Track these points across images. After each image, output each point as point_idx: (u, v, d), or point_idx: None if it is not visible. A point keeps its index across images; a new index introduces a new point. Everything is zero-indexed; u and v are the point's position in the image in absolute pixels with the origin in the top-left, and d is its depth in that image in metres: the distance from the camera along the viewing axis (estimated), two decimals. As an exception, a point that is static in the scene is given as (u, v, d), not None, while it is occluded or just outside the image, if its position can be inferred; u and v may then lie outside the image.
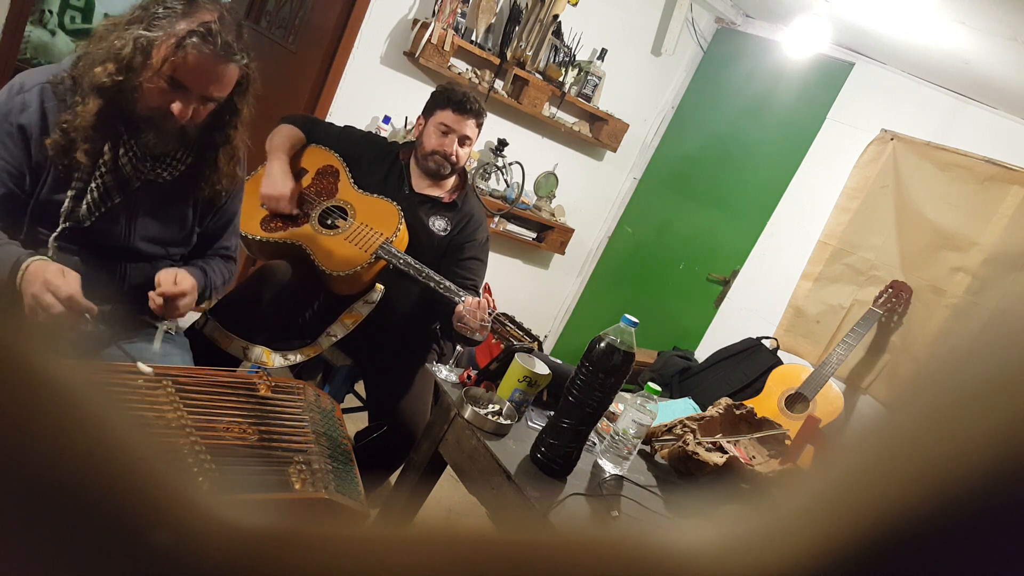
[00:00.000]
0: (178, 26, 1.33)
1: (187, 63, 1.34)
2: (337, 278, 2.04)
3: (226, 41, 1.36)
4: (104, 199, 1.43)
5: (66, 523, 0.24)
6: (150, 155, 1.46)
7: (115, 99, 1.36)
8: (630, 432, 1.57)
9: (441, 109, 2.21)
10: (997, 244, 2.64)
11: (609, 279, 4.12)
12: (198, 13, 1.35)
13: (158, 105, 1.38)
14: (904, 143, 2.96)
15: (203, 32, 1.33)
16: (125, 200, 1.46)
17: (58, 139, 1.35)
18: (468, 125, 2.22)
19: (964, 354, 0.27)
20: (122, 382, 1.24)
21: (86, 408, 0.25)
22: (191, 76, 1.36)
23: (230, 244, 1.74)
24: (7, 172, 1.36)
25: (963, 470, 0.23)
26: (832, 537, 0.25)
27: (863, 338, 2.75)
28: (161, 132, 1.42)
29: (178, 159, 1.50)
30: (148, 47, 1.33)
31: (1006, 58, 2.36)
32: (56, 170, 1.38)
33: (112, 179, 1.43)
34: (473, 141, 2.27)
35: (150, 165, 1.47)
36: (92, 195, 1.41)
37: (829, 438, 2.27)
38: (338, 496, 1.27)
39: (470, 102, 2.21)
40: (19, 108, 1.36)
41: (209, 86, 1.39)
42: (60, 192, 1.40)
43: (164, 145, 1.45)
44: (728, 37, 3.82)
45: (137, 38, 1.32)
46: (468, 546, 0.30)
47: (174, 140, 1.45)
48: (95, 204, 1.42)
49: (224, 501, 0.27)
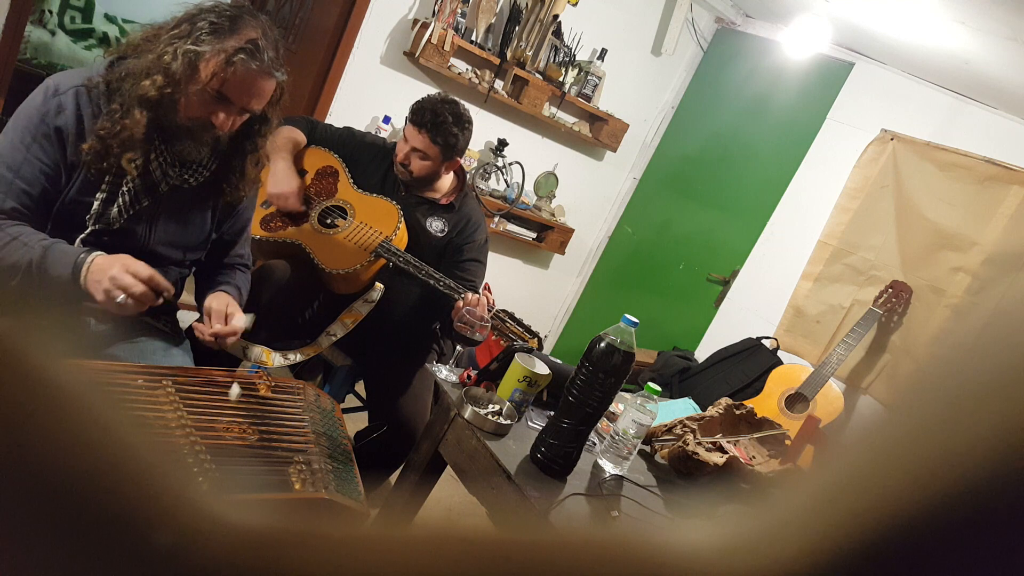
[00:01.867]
0: (227, 43, 1.37)
1: (235, 78, 1.38)
2: (337, 277, 2.04)
3: (271, 57, 1.42)
4: (134, 203, 1.46)
5: (67, 523, 0.24)
6: (179, 161, 1.49)
7: (159, 110, 1.39)
8: (630, 432, 1.57)
9: (408, 120, 2.19)
10: (997, 244, 2.64)
11: (609, 279, 4.12)
12: (244, 30, 1.40)
13: (200, 116, 1.42)
14: (904, 143, 2.96)
15: (251, 49, 1.38)
16: (151, 204, 1.49)
17: (95, 145, 1.37)
18: (420, 139, 2.14)
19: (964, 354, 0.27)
20: (122, 382, 1.24)
21: (87, 408, 0.25)
22: (236, 91, 1.40)
23: (244, 253, 1.78)
24: (44, 173, 1.38)
25: (963, 470, 0.23)
26: (832, 537, 0.25)
27: (863, 338, 2.75)
28: (198, 141, 1.46)
29: (204, 165, 1.54)
30: (196, 61, 1.37)
31: (1006, 58, 2.36)
32: (88, 173, 1.40)
33: (142, 183, 1.45)
34: (429, 156, 2.16)
35: (178, 171, 1.50)
36: (124, 198, 1.44)
37: (829, 438, 2.27)
38: (338, 496, 1.27)
39: (423, 113, 2.13)
40: (55, 110, 1.38)
41: (252, 100, 1.44)
42: (88, 194, 1.42)
43: (198, 153, 1.49)
44: (728, 37, 3.82)
45: (186, 52, 1.36)
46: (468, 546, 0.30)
47: (207, 148, 1.50)
48: (126, 207, 1.45)
49: (224, 501, 0.28)
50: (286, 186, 2.14)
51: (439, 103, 2.16)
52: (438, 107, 2.14)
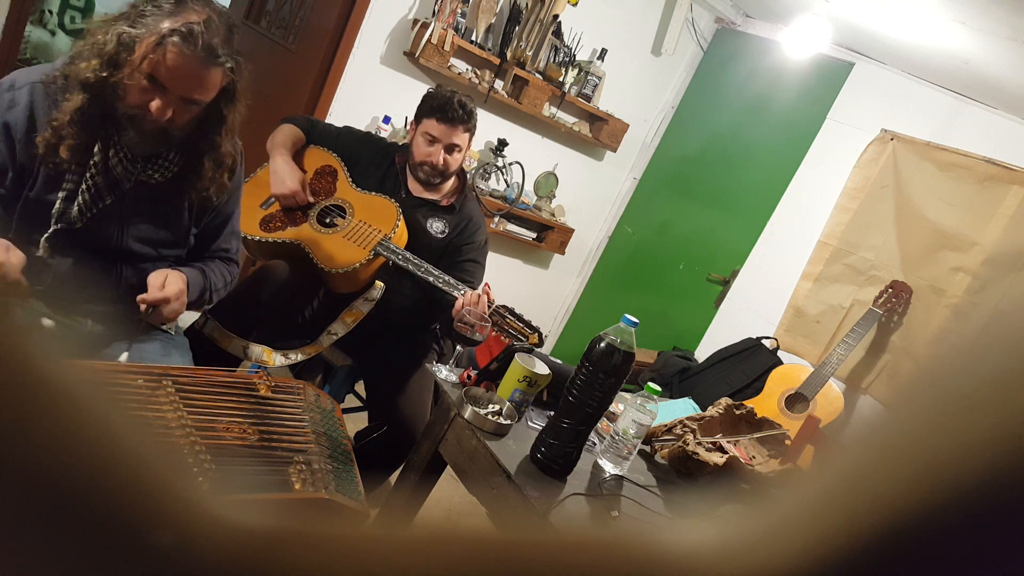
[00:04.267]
0: (162, 24, 1.31)
1: (166, 62, 1.32)
2: (336, 276, 2.04)
3: (209, 43, 1.34)
4: (95, 200, 1.42)
5: (67, 524, 0.24)
6: (140, 156, 1.44)
7: (99, 96, 1.34)
8: (630, 432, 1.57)
9: (427, 117, 2.16)
10: (997, 244, 2.63)
11: (609, 279, 4.12)
12: (184, 13, 1.34)
13: (137, 103, 1.36)
14: (904, 143, 2.96)
15: (184, 32, 1.31)
16: (116, 201, 1.45)
17: (48, 137, 1.34)
18: (455, 134, 2.14)
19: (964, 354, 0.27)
20: (122, 382, 1.24)
21: (86, 409, 0.25)
22: (169, 76, 1.34)
23: (229, 246, 1.72)
24: None
25: (963, 470, 0.23)
26: (832, 537, 0.25)
27: (863, 338, 2.75)
28: (141, 131, 1.40)
29: (170, 160, 1.48)
30: (131, 44, 1.31)
31: (1006, 58, 2.36)
32: (47, 169, 1.37)
33: (103, 180, 1.41)
34: (463, 148, 2.20)
35: (140, 166, 1.45)
36: (83, 196, 1.40)
37: (829, 438, 2.27)
38: (338, 496, 1.27)
39: (453, 109, 2.12)
40: (6, 105, 1.35)
41: (189, 88, 1.36)
42: (51, 192, 1.39)
43: (146, 145, 1.43)
44: (728, 37, 3.82)
45: (121, 34, 1.31)
46: (468, 546, 0.30)
47: (155, 141, 1.43)
48: (86, 205, 1.41)
49: (224, 501, 0.27)
50: (291, 183, 2.13)
51: (451, 95, 2.16)
52: (454, 98, 2.15)
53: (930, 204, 2.83)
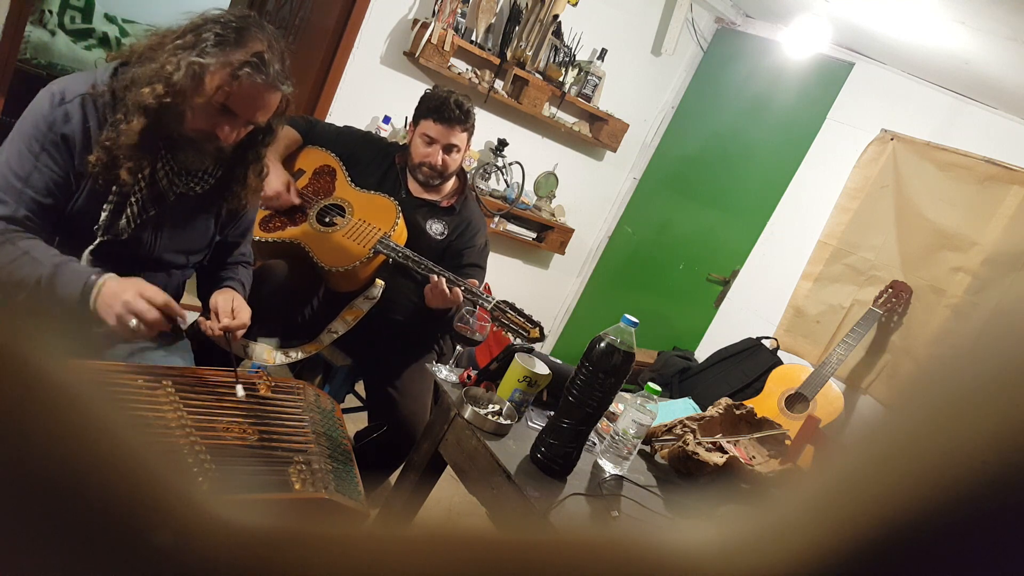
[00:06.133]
0: (233, 56, 1.36)
1: (241, 92, 1.38)
2: (336, 274, 2.04)
3: (276, 71, 1.41)
4: (142, 212, 1.46)
5: (67, 523, 0.24)
6: (184, 170, 1.49)
7: (159, 119, 1.38)
8: (630, 432, 1.57)
9: (424, 118, 2.17)
10: (997, 244, 2.64)
11: (609, 279, 4.12)
12: (250, 43, 1.39)
13: (204, 128, 1.41)
14: (904, 143, 2.96)
15: (256, 63, 1.37)
16: (158, 213, 1.49)
17: (101, 156, 1.36)
18: (453, 134, 2.14)
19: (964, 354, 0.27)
20: (122, 382, 1.24)
21: (87, 409, 0.25)
22: (242, 104, 1.40)
23: (247, 251, 1.79)
24: (54, 182, 1.37)
25: (963, 470, 0.23)
26: (832, 537, 0.25)
27: (863, 338, 2.75)
28: (201, 152, 1.45)
29: (210, 173, 1.53)
30: (201, 74, 1.36)
31: (1006, 58, 2.36)
32: (95, 184, 1.39)
33: (149, 193, 1.45)
34: (462, 148, 2.20)
35: (184, 180, 1.50)
36: (132, 208, 1.43)
37: (829, 438, 2.27)
38: (338, 496, 1.27)
39: (450, 110, 2.12)
40: (63, 119, 1.36)
41: (256, 113, 1.43)
42: (95, 204, 1.41)
43: (201, 163, 1.49)
44: (728, 37, 3.82)
45: (191, 64, 1.35)
46: (468, 546, 0.30)
47: (212, 158, 1.49)
48: (134, 217, 1.44)
49: (224, 501, 0.28)
50: (275, 183, 2.13)
51: (448, 95, 2.17)
52: (451, 98, 2.15)
53: (930, 204, 2.83)
